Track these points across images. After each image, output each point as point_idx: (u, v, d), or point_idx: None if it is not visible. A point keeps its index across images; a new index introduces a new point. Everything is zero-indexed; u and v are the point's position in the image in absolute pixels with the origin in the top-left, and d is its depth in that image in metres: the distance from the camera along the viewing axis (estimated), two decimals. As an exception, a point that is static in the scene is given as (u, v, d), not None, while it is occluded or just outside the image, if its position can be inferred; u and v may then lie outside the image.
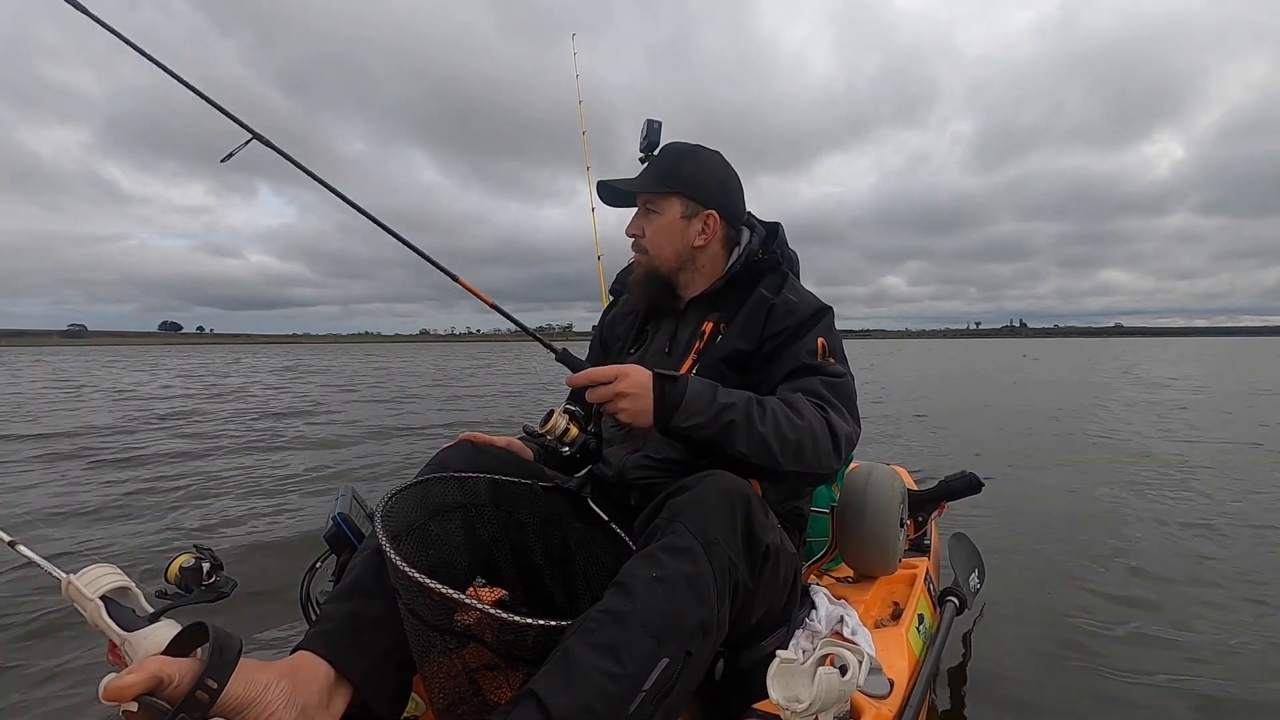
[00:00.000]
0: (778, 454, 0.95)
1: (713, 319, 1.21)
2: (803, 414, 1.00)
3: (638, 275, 1.27)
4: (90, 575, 0.80)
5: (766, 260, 1.23)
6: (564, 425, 0.99)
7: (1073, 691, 1.59)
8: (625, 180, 1.24)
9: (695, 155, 1.22)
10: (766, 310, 1.15)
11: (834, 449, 1.01)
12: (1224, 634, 1.87)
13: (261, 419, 7.19)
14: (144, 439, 5.75)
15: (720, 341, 1.17)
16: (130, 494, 3.74)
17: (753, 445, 0.95)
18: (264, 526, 3.06)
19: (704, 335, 1.20)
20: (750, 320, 1.16)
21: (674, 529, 0.82)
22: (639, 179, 1.24)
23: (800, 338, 1.12)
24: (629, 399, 0.94)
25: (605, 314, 1.47)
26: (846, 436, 1.03)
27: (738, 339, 1.16)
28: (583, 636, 0.72)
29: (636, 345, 1.33)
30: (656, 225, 1.21)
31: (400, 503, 0.94)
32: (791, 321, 1.13)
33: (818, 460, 0.99)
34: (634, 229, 1.24)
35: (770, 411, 0.97)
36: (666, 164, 1.22)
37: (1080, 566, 2.42)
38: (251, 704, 0.67)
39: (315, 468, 4.55)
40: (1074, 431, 5.98)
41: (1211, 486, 3.70)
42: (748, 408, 0.97)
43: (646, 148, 1.24)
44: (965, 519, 2.79)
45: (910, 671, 1.05)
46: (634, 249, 1.26)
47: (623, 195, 1.26)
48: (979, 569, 1.63)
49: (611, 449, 1.22)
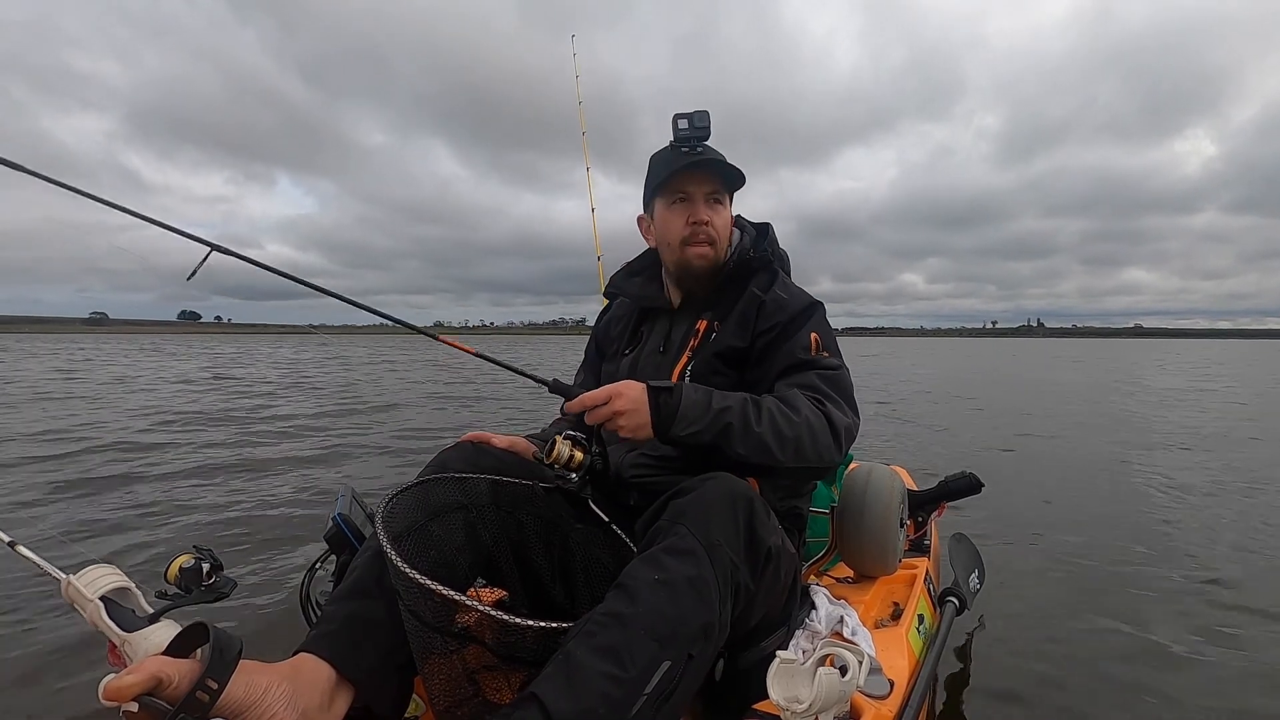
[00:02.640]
0: (776, 452, 0.96)
1: (706, 318, 1.22)
2: (799, 410, 1.00)
3: (701, 268, 1.21)
4: (90, 575, 0.80)
5: (758, 259, 1.24)
6: (568, 452, 0.98)
7: (1073, 692, 1.59)
8: (727, 164, 1.17)
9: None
10: (758, 307, 1.16)
11: (834, 442, 1.01)
12: (1226, 633, 1.87)
13: (263, 419, 7.19)
14: (146, 439, 5.75)
15: (714, 339, 1.18)
16: (131, 494, 3.74)
17: (750, 446, 0.95)
18: (264, 527, 3.05)
19: (698, 334, 1.21)
20: (743, 318, 1.17)
21: (676, 531, 0.82)
22: (730, 166, 1.17)
23: (792, 334, 1.13)
24: (626, 415, 0.95)
25: (600, 319, 1.48)
26: (846, 428, 1.03)
27: (731, 336, 1.16)
28: (584, 639, 0.72)
29: (632, 346, 1.33)
30: (724, 219, 1.21)
31: (401, 503, 0.94)
32: (783, 317, 1.14)
33: (818, 455, 0.99)
34: (705, 216, 1.18)
35: (766, 411, 0.98)
36: (725, 161, 1.18)
37: (1081, 566, 2.42)
38: (252, 706, 0.66)
39: (315, 469, 4.55)
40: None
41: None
42: (744, 410, 0.97)
43: (700, 136, 1.16)
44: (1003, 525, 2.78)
45: (910, 672, 1.05)
46: (697, 239, 1.19)
47: (699, 172, 1.17)
48: (979, 569, 1.63)
49: (609, 448, 1.22)
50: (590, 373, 1.44)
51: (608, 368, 1.36)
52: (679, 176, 1.18)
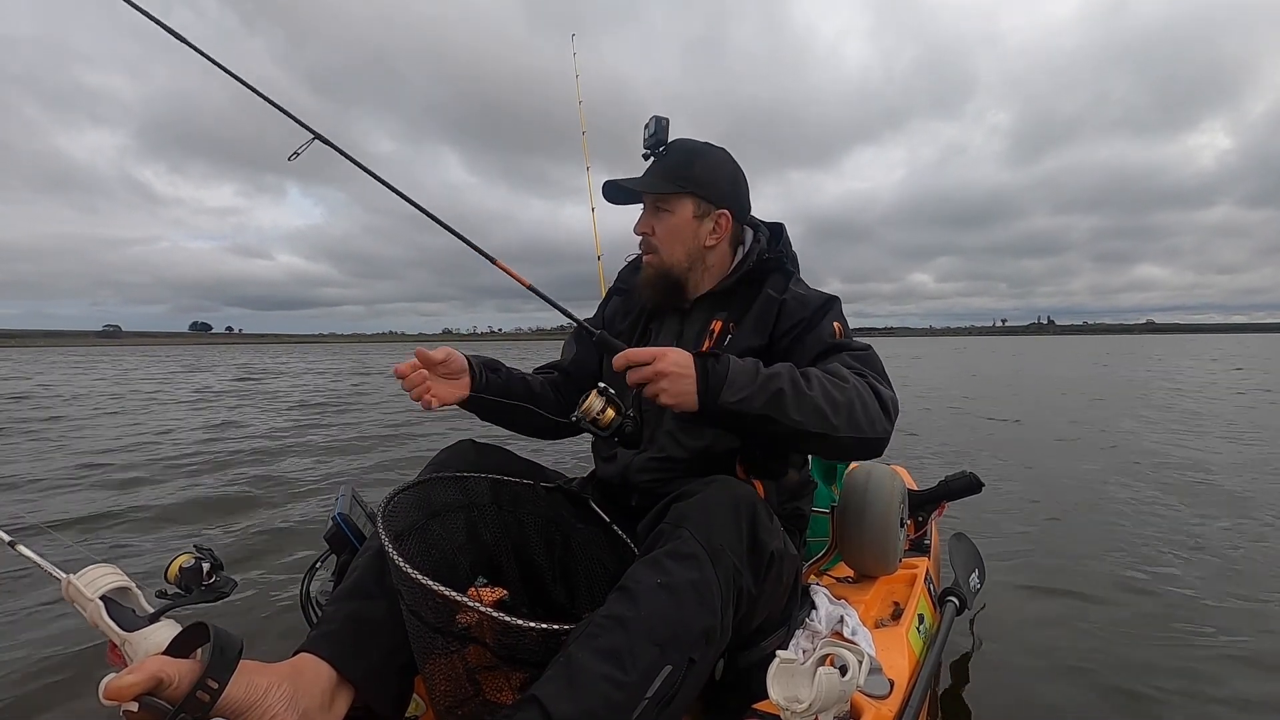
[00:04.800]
0: (831, 417, 0.90)
1: (720, 318, 1.19)
2: (846, 378, 0.96)
3: (647, 275, 1.22)
4: (90, 575, 0.80)
5: (773, 260, 1.22)
6: (600, 406, 0.95)
7: (1074, 692, 1.59)
8: (636, 180, 1.20)
9: (706, 154, 1.19)
10: (777, 308, 1.14)
11: (883, 411, 0.96)
12: (1232, 632, 1.87)
13: (269, 417, 7.19)
14: (151, 439, 5.75)
15: (731, 341, 1.15)
16: (130, 495, 3.74)
17: (805, 411, 0.89)
18: (264, 526, 3.05)
19: (713, 334, 1.18)
20: (761, 319, 1.14)
21: (679, 535, 0.81)
22: (650, 178, 1.19)
23: (815, 326, 1.11)
24: (670, 379, 0.88)
25: (602, 307, 1.42)
26: (891, 400, 0.99)
27: (750, 337, 1.14)
28: (586, 641, 0.72)
29: (641, 343, 1.29)
30: (668, 225, 1.18)
31: (401, 503, 0.94)
32: (804, 314, 1.12)
33: (870, 423, 0.94)
34: (644, 227, 1.20)
35: (815, 378, 0.93)
36: (678, 162, 1.17)
37: (1081, 567, 2.42)
38: (252, 706, 0.66)
39: (315, 467, 4.55)
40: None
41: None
42: (792, 374, 0.92)
43: (653, 144, 1.19)
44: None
45: (910, 672, 1.05)
46: (642, 248, 1.23)
47: (630, 194, 1.22)
48: (979, 569, 1.63)
49: (616, 450, 1.21)
50: (590, 348, 1.35)
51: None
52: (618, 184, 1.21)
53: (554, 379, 1.34)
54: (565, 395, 1.31)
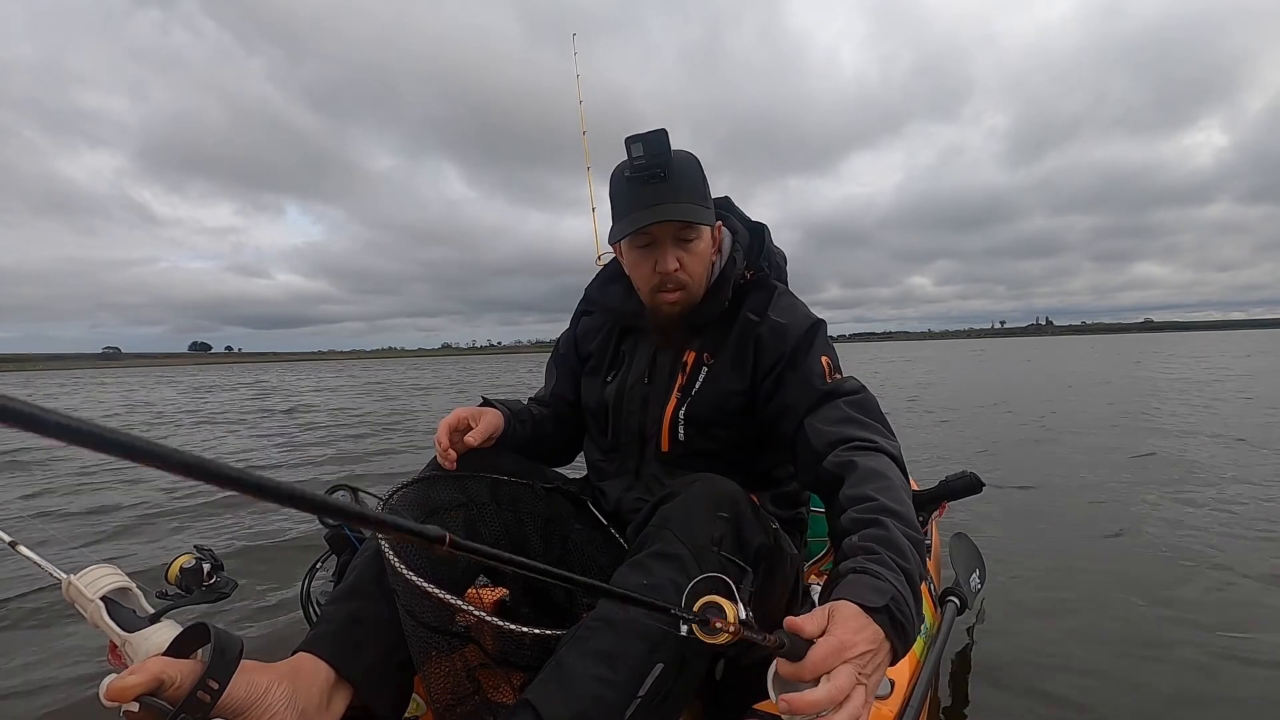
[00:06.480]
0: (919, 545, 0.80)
1: (694, 348, 1.10)
2: (890, 479, 0.86)
3: (672, 316, 1.08)
4: (91, 575, 0.80)
5: (753, 281, 1.12)
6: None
7: (1074, 692, 1.59)
8: (669, 209, 1.00)
9: (698, 163, 1.05)
10: (754, 340, 1.06)
11: (904, 473, 0.91)
12: (1235, 631, 1.87)
13: (265, 420, 7.20)
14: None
15: (706, 378, 1.08)
16: (130, 495, 3.74)
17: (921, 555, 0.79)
18: (264, 527, 3.05)
19: (686, 368, 1.10)
20: (738, 354, 1.07)
21: (663, 536, 0.81)
22: (676, 205, 1.00)
23: (801, 363, 1.02)
24: (876, 669, 0.64)
25: (574, 326, 1.32)
26: (899, 453, 0.93)
27: (730, 377, 1.06)
28: (576, 644, 0.72)
29: (613, 370, 1.20)
30: (696, 255, 1.05)
31: (401, 501, 0.94)
32: (785, 348, 1.03)
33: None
34: (672, 263, 1.03)
35: (905, 531, 0.79)
36: (693, 183, 1.03)
37: (1081, 566, 2.42)
38: (252, 705, 0.67)
39: (315, 468, 4.55)
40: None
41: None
42: (912, 556, 0.77)
43: (658, 164, 0.99)
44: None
45: (911, 672, 1.05)
46: (667, 286, 1.05)
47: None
48: (979, 569, 1.63)
49: (607, 482, 1.18)
50: (566, 376, 1.29)
51: (589, 381, 1.24)
52: (641, 221, 1.01)
53: (549, 415, 1.28)
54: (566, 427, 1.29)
